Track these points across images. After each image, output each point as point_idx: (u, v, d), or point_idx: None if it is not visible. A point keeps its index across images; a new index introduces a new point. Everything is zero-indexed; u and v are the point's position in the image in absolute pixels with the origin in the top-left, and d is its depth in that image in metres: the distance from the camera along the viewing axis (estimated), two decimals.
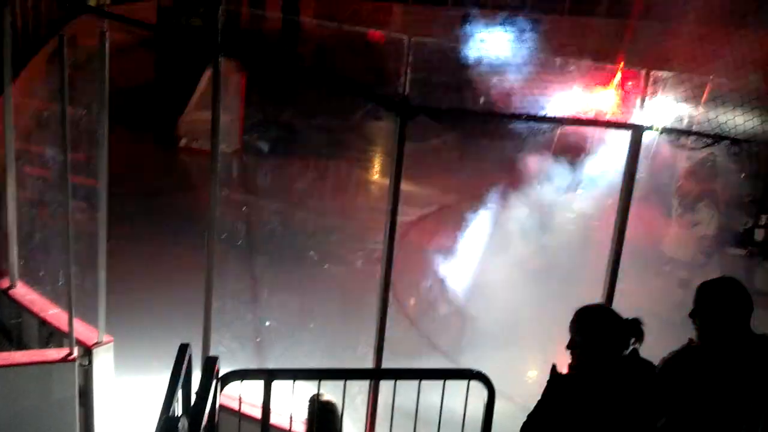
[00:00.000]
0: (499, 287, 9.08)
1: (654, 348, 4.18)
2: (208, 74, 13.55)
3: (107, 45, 6.19)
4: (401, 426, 5.46)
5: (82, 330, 6.58)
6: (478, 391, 4.96)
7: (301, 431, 5.46)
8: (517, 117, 6.02)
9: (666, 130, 5.59)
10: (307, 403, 5.04)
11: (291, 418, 5.07)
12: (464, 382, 4.98)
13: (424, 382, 5.03)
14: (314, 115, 16.18)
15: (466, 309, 9.34)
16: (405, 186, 5.43)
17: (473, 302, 9.33)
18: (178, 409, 4.93)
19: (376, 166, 16.02)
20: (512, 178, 11.11)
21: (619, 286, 5.51)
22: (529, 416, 4.19)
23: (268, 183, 13.96)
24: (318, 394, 5.02)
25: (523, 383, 7.27)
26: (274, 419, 5.01)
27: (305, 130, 16.76)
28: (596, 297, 5.40)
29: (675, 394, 4.17)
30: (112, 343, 6.58)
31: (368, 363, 5.77)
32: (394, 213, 5.44)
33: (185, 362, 5.10)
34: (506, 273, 9.25)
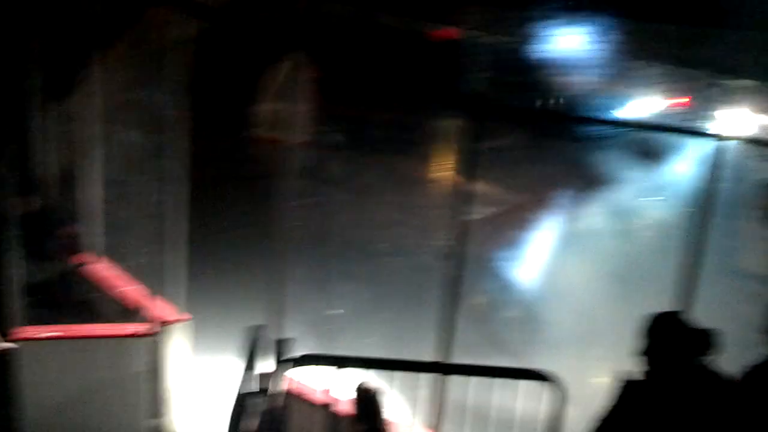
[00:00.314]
0: (568, 290, 9.02)
1: (727, 359, 4.14)
2: (281, 66, 13.77)
3: (184, 34, 6.39)
4: (458, 422, 5.55)
5: (159, 307, 6.79)
6: (540, 392, 5.00)
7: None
8: (590, 120, 5.99)
9: (744, 140, 5.53)
10: (355, 389, 5.06)
11: (346, 401, 5.12)
12: (526, 384, 5.03)
13: (482, 380, 5.10)
14: (384, 110, 16.25)
15: (533, 310, 9.30)
16: (474, 184, 5.46)
17: (540, 303, 9.28)
18: (251, 387, 5.11)
19: (442, 162, 16.02)
20: (584, 181, 11.01)
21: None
22: (597, 421, 4.17)
23: (336, 175, 14.08)
24: (365, 381, 5.10)
25: (588, 388, 7.25)
26: (331, 401, 5.11)
27: (374, 124, 16.85)
28: (669, 305, 5.36)
29: (753, 408, 4.10)
30: (188, 321, 6.77)
31: (428, 358, 5.82)
32: (464, 210, 5.50)
33: (259, 343, 5.28)
34: (576, 276, 9.17)
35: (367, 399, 4.96)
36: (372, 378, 5.18)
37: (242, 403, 5.12)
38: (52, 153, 8.76)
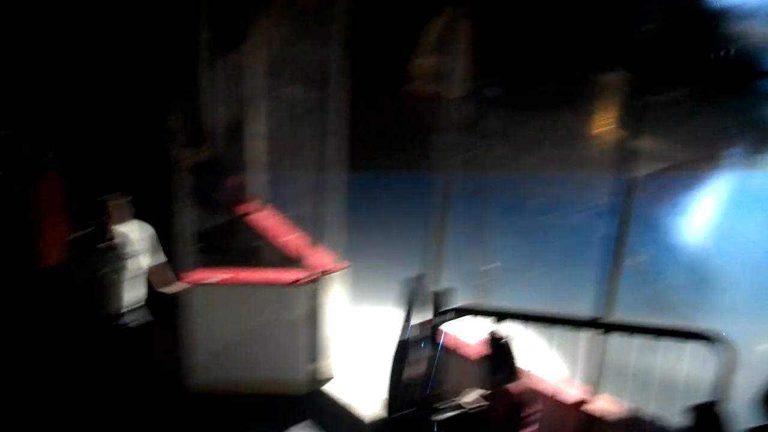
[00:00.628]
0: (740, 251, 8.57)
1: None
2: (437, 20, 13.68)
3: None
4: (618, 382, 5.41)
5: (320, 255, 6.97)
6: (707, 354, 4.80)
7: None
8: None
9: None
10: (488, 338, 5.00)
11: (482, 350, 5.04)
12: (691, 345, 4.84)
13: (644, 340, 4.93)
14: (545, 63, 15.86)
15: (701, 271, 8.89)
16: (639, 140, 5.27)
17: (709, 264, 8.87)
18: (411, 336, 5.18)
19: (606, 117, 15.54)
20: (760, 137, 10.38)
21: None
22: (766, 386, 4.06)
23: (493, 129, 13.92)
24: (498, 330, 5.02)
25: (759, 352, 6.90)
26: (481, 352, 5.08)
27: (535, 78, 16.50)
28: None
29: None
30: (346, 270, 6.93)
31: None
32: (628, 167, 5.30)
33: (418, 293, 5.33)
34: (749, 236, 8.70)
35: (500, 347, 4.91)
36: (518, 329, 5.12)
37: (402, 351, 5.20)
38: (220, 106, 9.11)
